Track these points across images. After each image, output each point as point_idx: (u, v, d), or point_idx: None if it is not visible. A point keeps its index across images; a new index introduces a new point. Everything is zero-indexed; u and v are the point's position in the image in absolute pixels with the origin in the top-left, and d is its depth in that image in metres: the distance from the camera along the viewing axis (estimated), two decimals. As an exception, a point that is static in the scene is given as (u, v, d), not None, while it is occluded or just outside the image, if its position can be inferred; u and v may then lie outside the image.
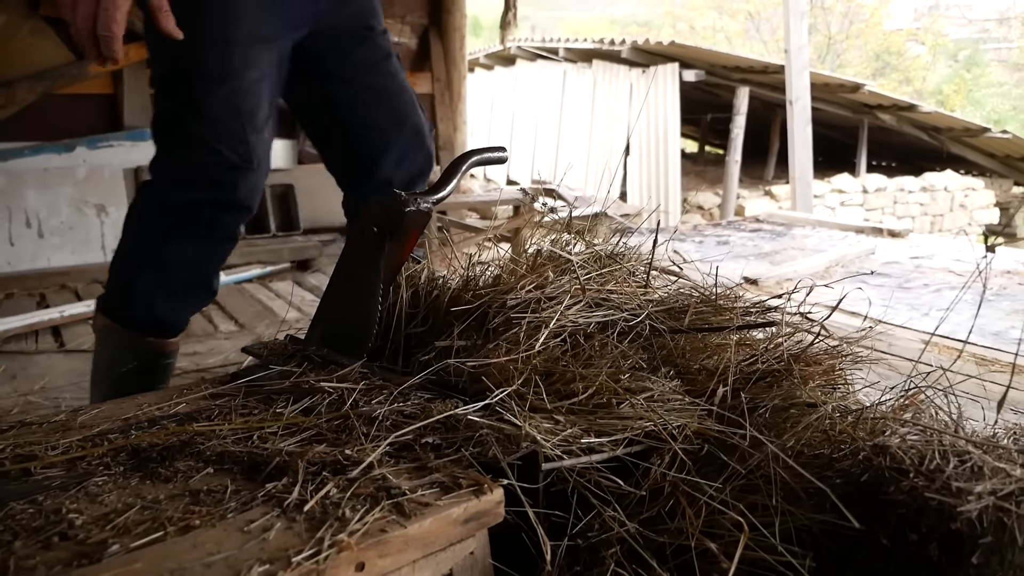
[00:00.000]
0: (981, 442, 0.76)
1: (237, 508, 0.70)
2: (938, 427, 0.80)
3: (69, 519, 0.68)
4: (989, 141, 9.11)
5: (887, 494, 0.74)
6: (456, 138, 5.16)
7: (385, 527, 0.67)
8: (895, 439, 0.77)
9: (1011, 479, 0.71)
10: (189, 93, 1.29)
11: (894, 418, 0.83)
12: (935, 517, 0.71)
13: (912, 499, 0.72)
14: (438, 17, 5.07)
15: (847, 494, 0.78)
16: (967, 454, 0.74)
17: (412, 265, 1.13)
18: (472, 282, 1.18)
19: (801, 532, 0.76)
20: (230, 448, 0.81)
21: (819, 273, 4.05)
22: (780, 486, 0.78)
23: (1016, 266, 4.20)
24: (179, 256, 1.38)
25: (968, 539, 0.69)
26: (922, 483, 0.72)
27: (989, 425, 0.87)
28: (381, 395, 0.92)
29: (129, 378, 1.37)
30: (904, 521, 0.73)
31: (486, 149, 1.12)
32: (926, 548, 0.71)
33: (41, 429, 0.91)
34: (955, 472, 0.70)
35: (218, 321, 2.96)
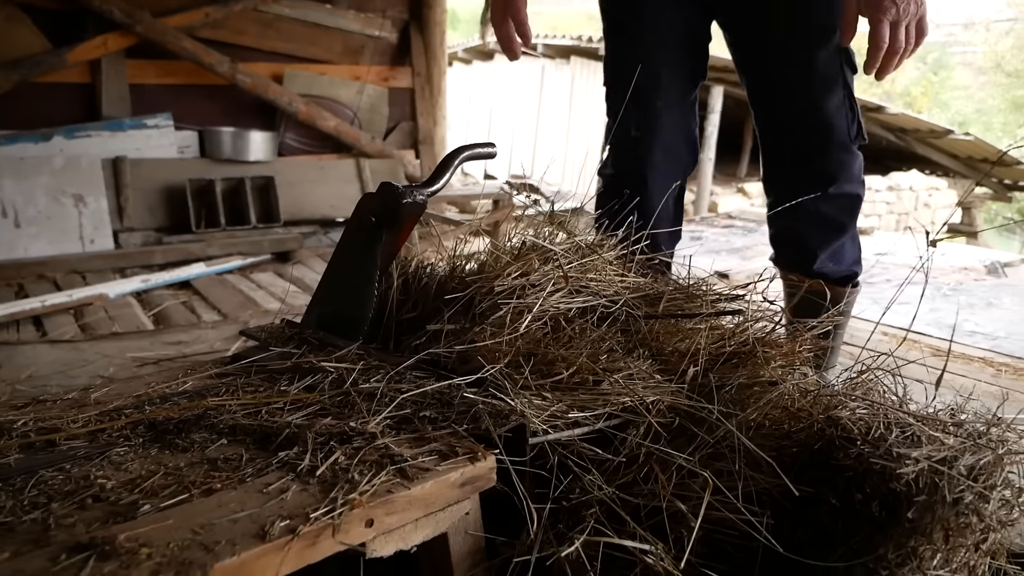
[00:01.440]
0: (920, 416, 0.85)
1: (254, 474, 0.77)
2: (884, 403, 0.90)
3: (99, 483, 0.74)
4: (953, 143, 9.36)
5: (837, 460, 0.83)
6: (436, 132, 5.21)
7: (391, 488, 0.74)
8: (845, 412, 0.86)
9: (944, 446, 0.80)
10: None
11: (845, 395, 0.92)
12: (878, 479, 0.80)
13: (858, 464, 0.81)
14: (419, 12, 5.11)
15: (803, 461, 0.87)
16: (908, 426, 0.84)
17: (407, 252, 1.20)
18: (458, 270, 1.25)
19: (762, 494, 0.85)
20: (241, 421, 0.88)
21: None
22: (743, 454, 0.86)
23: (973, 263, 4.37)
24: None
25: (905, 498, 0.78)
26: (868, 450, 0.81)
27: (930, 403, 0.97)
28: (378, 374, 0.99)
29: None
30: (851, 483, 0.82)
31: (476, 145, 1.19)
32: (869, 506, 0.80)
33: (56, 406, 0.97)
34: (896, 440, 0.80)
35: (201, 311, 2.99)
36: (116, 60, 4.31)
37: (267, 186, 4.48)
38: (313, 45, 4.89)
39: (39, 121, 4.11)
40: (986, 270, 4.58)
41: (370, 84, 5.03)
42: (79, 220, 3.99)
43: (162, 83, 4.49)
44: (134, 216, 4.19)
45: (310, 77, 4.88)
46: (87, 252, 3.93)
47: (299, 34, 4.82)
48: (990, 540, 0.85)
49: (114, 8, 4.12)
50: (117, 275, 3.67)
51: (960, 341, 2.80)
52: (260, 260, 4.01)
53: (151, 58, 4.41)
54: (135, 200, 4.21)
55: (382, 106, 5.12)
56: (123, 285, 3.37)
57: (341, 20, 4.92)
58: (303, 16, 4.79)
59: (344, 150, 4.95)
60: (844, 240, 1.59)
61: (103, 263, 3.82)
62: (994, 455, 0.82)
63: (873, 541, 0.81)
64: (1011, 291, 3.77)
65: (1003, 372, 2.49)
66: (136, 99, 4.41)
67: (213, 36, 4.54)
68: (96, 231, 4.01)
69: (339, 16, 4.92)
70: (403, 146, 5.21)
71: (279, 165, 4.64)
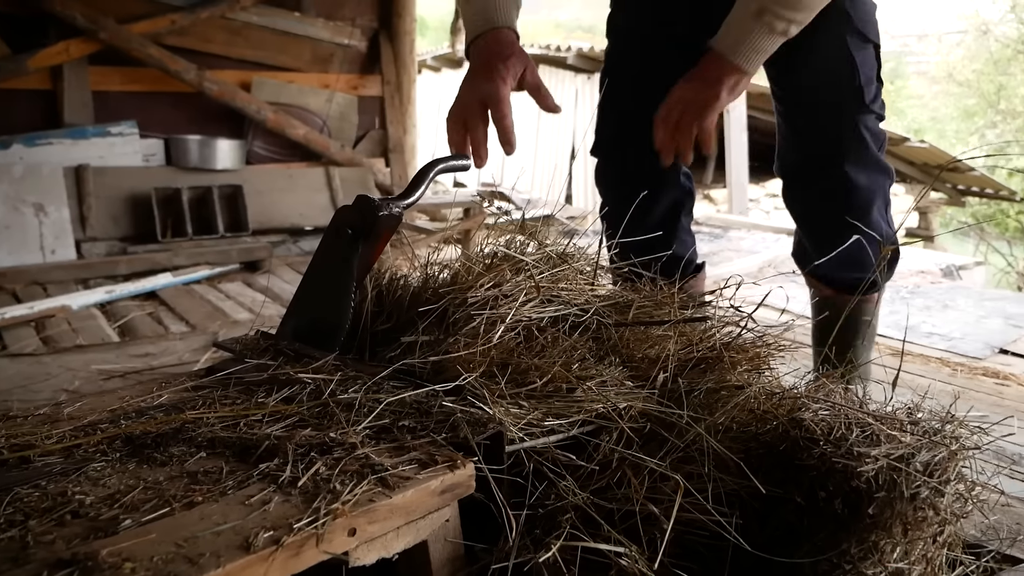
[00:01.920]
0: (879, 415, 0.90)
1: (235, 486, 0.78)
2: (844, 404, 0.94)
3: (77, 499, 0.74)
4: (908, 150, 9.62)
5: (801, 460, 0.86)
6: (406, 140, 5.22)
7: (373, 497, 0.76)
8: (808, 414, 0.90)
9: (901, 444, 0.84)
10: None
11: (808, 397, 0.96)
12: (839, 478, 0.84)
13: (821, 463, 0.85)
14: (388, 21, 5.12)
15: (769, 462, 0.90)
16: (867, 425, 0.88)
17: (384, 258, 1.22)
18: (431, 281, 1.27)
19: (731, 496, 0.88)
20: (220, 434, 0.88)
21: (752, 273, 4.27)
22: (712, 457, 0.89)
23: (930, 266, 4.51)
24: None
25: (866, 495, 0.82)
26: (830, 450, 0.84)
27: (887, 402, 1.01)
28: (356, 384, 1.00)
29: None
30: (815, 482, 0.85)
31: (451, 157, 1.21)
32: (832, 504, 0.84)
33: (28, 422, 0.96)
34: (856, 440, 0.83)
35: (168, 322, 2.96)
36: (79, 67, 4.23)
37: (235, 195, 4.43)
38: (282, 53, 4.86)
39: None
40: (942, 273, 4.73)
41: (339, 92, 5.02)
42: (40, 230, 3.90)
43: (126, 90, 4.42)
44: (97, 226, 4.11)
45: (279, 85, 4.85)
46: (48, 262, 3.85)
47: (267, 42, 4.79)
48: (946, 533, 0.89)
49: (77, 14, 4.06)
50: (80, 286, 3.60)
51: (918, 342, 2.89)
52: (228, 270, 3.97)
53: (115, 65, 4.34)
54: (98, 209, 4.13)
55: (351, 114, 5.11)
56: (86, 296, 3.31)
57: (310, 28, 4.90)
58: (272, 24, 4.76)
59: (313, 158, 4.92)
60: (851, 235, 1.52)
61: (65, 274, 3.74)
62: (948, 451, 0.86)
63: (836, 537, 0.85)
64: (965, 293, 3.89)
65: (959, 371, 2.58)
66: (99, 106, 4.33)
67: (179, 43, 4.48)
68: (57, 241, 3.93)
69: (308, 24, 4.90)
70: (373, 154, 5.20)
71: (247, 173, 4.59)
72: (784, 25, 1.23)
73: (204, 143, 4.46)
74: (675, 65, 1.41)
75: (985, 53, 15.82)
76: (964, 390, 2.36)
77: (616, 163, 1.63)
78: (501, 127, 1.23)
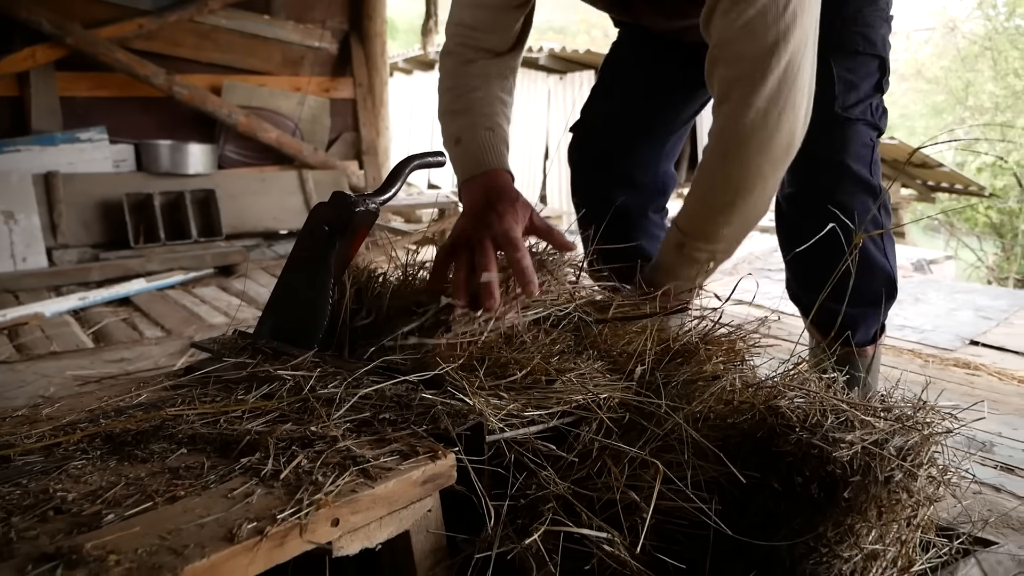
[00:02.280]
0: (854, 403, 0.92)
1: (217, 480, 0.78)
2: (820, 392, 0.96)
3: (60, 496, 0.74)
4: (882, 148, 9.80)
5: (778, 446, 0.88)
6: (379, 143, 5.21)
7: (355, 488, 0.76)
8: (784, 402, 0.92)
9: (876, 430, 0.86)
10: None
11: (785, 386, 0.99)
12: (816, 463, 0.86)
13: (798, 449, 0.87)
14: (359, 23, 5.11)
15: (747, 449, 0.92)
16: (842, 412, 0.90)
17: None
18: (410, 279, 1.28)
19: (709, 483, 0.90)
20: (200, 431, 0.88)
21: (728, 269, 4.33)
22: (691, 446, 0.91)
23: (902, 261, 4.60)
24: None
25: (841, 479, 0.84)
26: (806, 436, 0.86)
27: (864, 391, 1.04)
28: (335, 380, 1.01)
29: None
30: (791, 468, 0.87)
31: (425, 154, 1.22)
32: (809, 489, 0.86)
33: (6, 423, 0.95)
34: (832, 426, 0.86)
35: (143, 327, 2.93)
36: (45, 72, 4.17)
37: (208, 199, 4.39)
38: (252, 56, 4.83)
39: (-37, 136, 3.96)
40: (913, 267, 4.83)
41: (311, 95, 5.00)
42: (10, 238, 3.84)
43: (95, 96, 4.37)
44: (68, 232, 4.06)
45: (249, 88, 4.82)
46: (19, 270, 3.79)
47: (237, 45, 4.76)
48: (920, 515, 0.92)
49: (43, 19, 4.00)
50: (52, 293, 3.55)
51: (890, 335, 2.95)
52: (203, 274, 3.94)
53: (83, 70, 4.28)
54: (69, 216, 4.07)
55: (324, 117, 5.09)
56: (59, 303, 3.26)
57: (280, 31, 4.88)
58: (241, 27, 4.73)
59: (286, 162, 4.90)
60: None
61: (37, 281, 3.69)
62: (920, 436, 0.89)
63: (813, 521, 0.87)
64: (936, 287, 3.97)
65: (930, 362, 2.64)
66: (68, 112, 4.27)
67: (148, 47, 4.44)
68: (28, 248, 3.87)
69: (277, 27, 4.88)
70: (346, 157, 5.19)
71: (219, 178, 4.56)
72: (706, 255, 1.23)
73: (175, 148, 4.42)
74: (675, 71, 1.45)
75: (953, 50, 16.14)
76: (936, 380, 2.41)
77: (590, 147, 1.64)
78: (520, 268, 1.12)
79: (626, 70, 1.63)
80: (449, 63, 1.38)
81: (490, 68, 1.36)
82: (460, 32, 1.37)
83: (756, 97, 1.08)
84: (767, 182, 1.16)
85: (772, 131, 1.10)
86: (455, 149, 1.32)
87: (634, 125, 1.58)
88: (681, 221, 1.23)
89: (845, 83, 1.42)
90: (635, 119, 1.58)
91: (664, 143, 1.62)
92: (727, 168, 1.15)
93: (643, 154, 1.60)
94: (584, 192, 1.66)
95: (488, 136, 1.30)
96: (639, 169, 1.60)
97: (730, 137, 1.13)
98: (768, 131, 1.10)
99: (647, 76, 1.58)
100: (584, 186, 1.66)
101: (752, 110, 1.08)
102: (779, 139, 1.11)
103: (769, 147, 1.11)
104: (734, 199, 1.16)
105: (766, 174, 1.15)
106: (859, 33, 1.44)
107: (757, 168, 1.13)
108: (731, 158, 1.14)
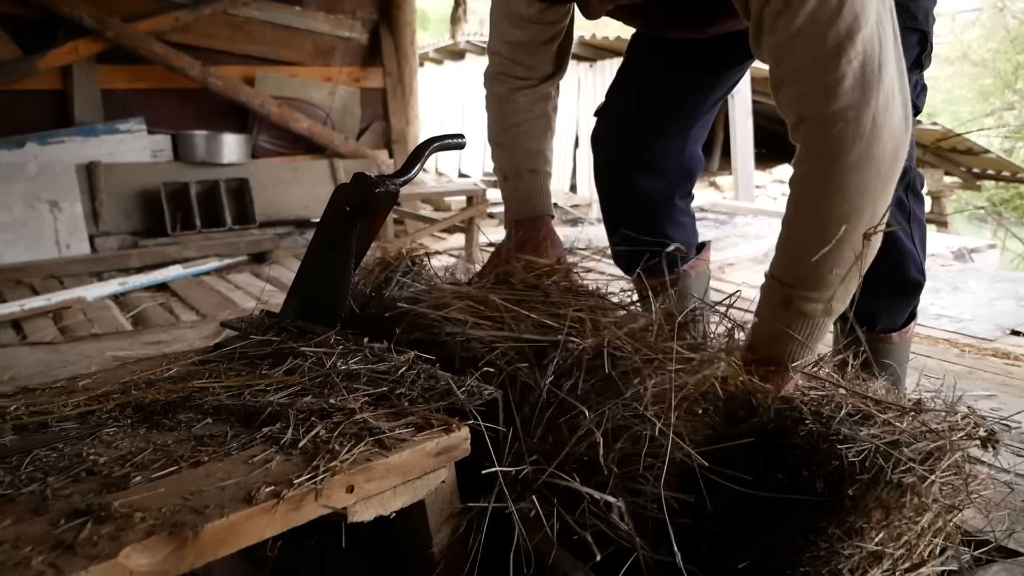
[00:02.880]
0: (878, 399, 0.89)
1: (239, 447, 0.81)
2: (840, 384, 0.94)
3: (92, 459, 0.78)
4: (920, 132, 9.55)
5: (788, 438, 0.87)
6: (409, 132, 5.24)
7: (370, 457, 0.79)
8: (796, 393, 0.91)
9: (896, 429, 0.84)
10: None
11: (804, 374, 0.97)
12: (823, 457, 0.83)
13: (807, 442, 0.85)
14: (388, 12, 5.14)
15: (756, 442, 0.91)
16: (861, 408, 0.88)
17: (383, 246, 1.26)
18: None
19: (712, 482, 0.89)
20: (225, 402, 0.92)
21: (758, 258, 4.28)
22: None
23: (941, 250, 4.50)
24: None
25: (848, 475, 0.81)
26: (818, 428, 0.85)
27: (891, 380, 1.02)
28: (357, 356, 1.04)
29: None
30: (799, 460, 0.86)
31: (446, 136, 1.25)
32: (814, 482, 0.84)
33: (45, 393, 1.01)
34: (846, 420, 0.84)
35: (179, 311, 3.01)
36: (87, 66, 4.29)
37: (242, 188, 4.48)
38: (284, 47, 4.90)
39: (12, 128, 4.09)
40: (953, 256, 4.71)
41: (342, 85, 5.05)
42: (55, 226, 3.97)
43: (134, 88, 4.48)
44: (109, 220, 4.18)
45: (282, 79, 4.89)
46: (63, 257, 3.92)
47: (270, 36, 4.83)
48: (937, 522, 0.87)
49: (84, 14, 4.11)
50: (94, 279, 3.66)
51: (926, 324, 2.90)
52: (236, 261, 4.02)
53: (122, 63, 4.39)
54: (110, 204, 4.20)
55: (354, 106, 5.14)
56: (100, 288, 3.37)
57: (311, 22, 4.94)
58: (273, 19, 4.80)
59: (317, 151, 4.96)
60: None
61: (80, 267, 3.81)
62: (947, 442, 0.84)
63: (814, 516, 0.84)
64: (977, 276, 3.88)
65: (967, 352, 2.59)
66: (108, 104, 4.39)
67: (184, 40, 4.53)
68: (72, 236, 4.00)
69: (309, 18, 4.93)
70: (376, 146, 5.24)
71: (253, 167, 4.64)
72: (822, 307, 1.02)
73: (210, 138, 4.51)
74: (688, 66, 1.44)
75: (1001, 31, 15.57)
76: (972, 370, 2.37)
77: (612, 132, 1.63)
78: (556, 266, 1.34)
79: (637, 68, 1.60)
80: (492, 90, 1.49)
81: (532, 98, 1.46)
82: (499, 61, 1.45)
83: (833, 105, 0.95)
84: (876, 201, 0.98)
85: (869, 141, 0.95)
86: (504, 185, 1.51)
87: (647, 123, 1.56)
88: (779, 272, 1.05)
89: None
90: (647, 117, 1.56)
91: (685, 133, 1.58)
92: (825, 195, 0.98)
93: (661, 145, 1.57)
94: (607, 178, 1.65)
95: (531, 180, 1.47)
96: (660, 157, 1.58)
97: (820, 157, 0.98)
98: (864, 142, 0.95)
99: (654, 78, 1.54)
100: (607, 171, 1.65)
101: (833, 121, 0.95)
102: (879, 149, 0.95)
103: (869, 160, 0.96)
104: (841, 231, 0.98)
105: (874, 192, 0.97)
106: (899, 4, 1.37)
107: (861, 187, 0.97)
108: (828, 182, 0.98)
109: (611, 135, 1.63)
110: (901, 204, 1.38)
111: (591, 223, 4.90)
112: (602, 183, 1.67)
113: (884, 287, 1.38)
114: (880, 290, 1.37)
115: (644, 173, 1.57)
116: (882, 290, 1.38)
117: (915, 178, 1.39)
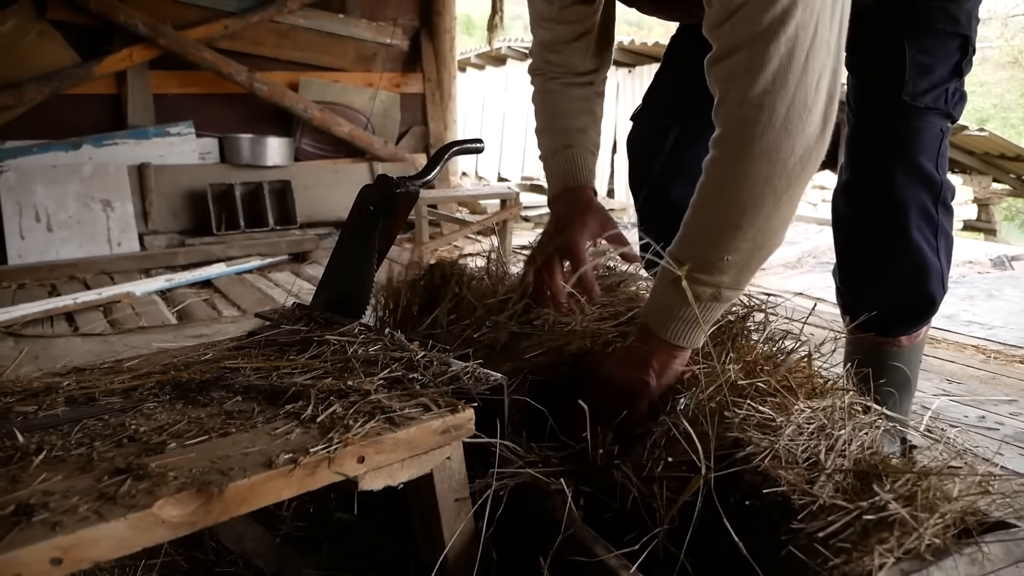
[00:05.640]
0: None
1: (264, 422, 0.90)
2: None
3: (133, 428, 0.87)
4: (967, 139, 9.32)
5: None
6: (446, 136, 5.35)
7: (380, 431, 0.87)
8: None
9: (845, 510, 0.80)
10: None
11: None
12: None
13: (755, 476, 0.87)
14: (429, 19, 5.26)
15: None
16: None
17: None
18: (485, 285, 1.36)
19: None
20: (254, 382, 1.01)
21: (791, 263, 4.27)
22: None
23: (979, 256, 4.42)
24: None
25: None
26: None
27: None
28: (376, 345, 1.12)
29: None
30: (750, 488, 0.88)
31: (465, 140, 1.32)
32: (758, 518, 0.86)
33: (94, 373, 1.11)
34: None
35: (222, 307, 3.15)
36: (141, 71, 4.50)
37: (284, 190, 4.64)
38: (327, 54, 5.05)
39: (69, 131, 4.31)
40: (992, 263, 4.62)
41: (382, 90, 5.19)
42: (107, 224, 4.18)
43: (184, 93, 4.68)
44: (158, 220, 4.37)
45: (324, 84, 5.04)
46: (114, 254, 4.12)
47: (314, 43, 4.99)
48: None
49: (138, 22, 4.32)
50: (143, 275, 3.84)
51: (955, 330, 2.87)
52: (278, 260, 4.17)
53: (173, 69, 4.59)
54: (159, 204, 4.39)
55: (394, 111, 5.27)
56: (148, 284, 3.54)
57: (354, 29, 5.09)
58: (317, 26, 4.96)
59: (358, 154, 5.11)
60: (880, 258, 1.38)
61: (129, 264, 4.00)
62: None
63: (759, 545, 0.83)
64: (1014, 283, 3.81)
65: (992, 359, 2.56)
66: (159, 108, 4.59)
67: (231, 47, 4.71)
68: (123, 234, 4.20)
69: (352, 25, 5.08)
70: (415, 150, 5.36)
71: (295, 169, 4.80)
72: (711, 291, 1.01)
73: (255, 141, 4.68)
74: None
75: (1054, 36, 15.12)
76: (995, 376, 2.35)
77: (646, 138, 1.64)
78: (580, 279, 1.23)
79: (673, 74, 1.60)
80: (533, 84, 1.47)
81: (570, 86, 1.42)
82: (537, 57, 1.45)
83: (752, 90, 0.92)
84: (779, 198, 0.96)
85: (780, 133, 0.93)
86: (544, 167, 1.43)
87: (682, 128, 1.55)
88: (677, 249, 1.04)
89: (918, 66, 1.28)
90: (682, 122, 1.55)
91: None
92: (729, 179, 0.98)
93: (696, 151, 1.59)
94: (640, 183, 1.65)
95: (566, 153, 1.38)
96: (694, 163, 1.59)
97: (730, 141, 0.98)
98: (774, 132, 0.93)
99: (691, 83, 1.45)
100: (640, 177, 1.65)
101: (749, 106, 0.93)
102: (789, 145, 0.93)
103: (777, 152, 0.93)
104: (739, 219, 0.97)
105: (777, 188, 0.95)
106: (939, 7, 1.28)
107: (765, 179, 0.94)
108: (733, 167, 0.97)
109: (646, 139, 1.64)
110: (929, 217, 1.34)
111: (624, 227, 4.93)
112: (636, 188, 1.67)
113: (903, 297, 1.38)
114: (898, 299, 1.38)
115: (677, 179, 1.55)
116: (900, 299, 1.38)
117: (946, 191, 1.34)
